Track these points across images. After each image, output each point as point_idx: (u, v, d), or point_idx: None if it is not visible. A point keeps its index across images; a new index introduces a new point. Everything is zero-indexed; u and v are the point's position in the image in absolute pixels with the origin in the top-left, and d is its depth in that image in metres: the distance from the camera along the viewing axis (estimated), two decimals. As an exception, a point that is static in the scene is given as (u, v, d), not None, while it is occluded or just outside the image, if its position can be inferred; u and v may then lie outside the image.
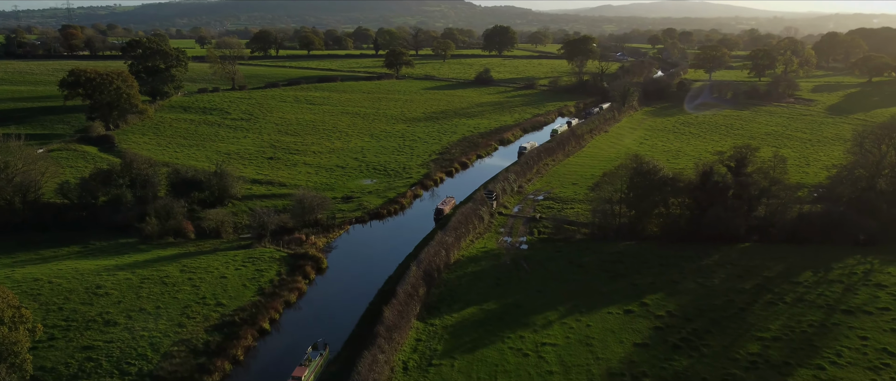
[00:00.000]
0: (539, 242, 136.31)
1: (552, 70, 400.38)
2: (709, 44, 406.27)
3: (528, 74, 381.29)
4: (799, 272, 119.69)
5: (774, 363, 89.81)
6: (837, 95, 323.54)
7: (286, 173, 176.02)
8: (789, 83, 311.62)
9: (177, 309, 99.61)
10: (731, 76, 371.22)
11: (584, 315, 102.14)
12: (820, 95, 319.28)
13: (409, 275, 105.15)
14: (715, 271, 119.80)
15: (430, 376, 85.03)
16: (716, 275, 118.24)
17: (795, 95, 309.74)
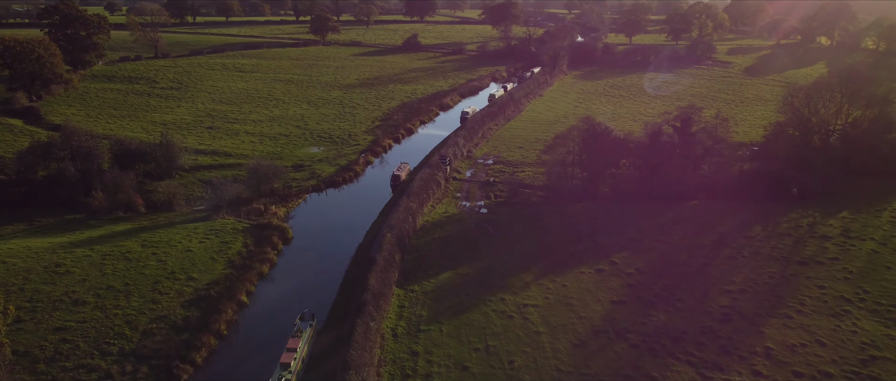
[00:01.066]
0: (497, 205, 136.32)
1: (477, 35, 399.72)
2: (624, 8, 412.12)
3: (454, 39, 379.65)
4: (750, 227, 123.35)
5: (746, 313, 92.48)
6: (751, 57, 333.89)
7: (229, 143, 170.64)
8: (707, 46, 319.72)
9: (147, 285, 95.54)
10: (650, 40, 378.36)
11: (558, 276, 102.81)
12: (735, 58, 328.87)
13: (385, 242, 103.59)
14: (672, 229, 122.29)
15: (420, 341, 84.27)
16: (674, 232, 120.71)
17: (713, 57, 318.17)
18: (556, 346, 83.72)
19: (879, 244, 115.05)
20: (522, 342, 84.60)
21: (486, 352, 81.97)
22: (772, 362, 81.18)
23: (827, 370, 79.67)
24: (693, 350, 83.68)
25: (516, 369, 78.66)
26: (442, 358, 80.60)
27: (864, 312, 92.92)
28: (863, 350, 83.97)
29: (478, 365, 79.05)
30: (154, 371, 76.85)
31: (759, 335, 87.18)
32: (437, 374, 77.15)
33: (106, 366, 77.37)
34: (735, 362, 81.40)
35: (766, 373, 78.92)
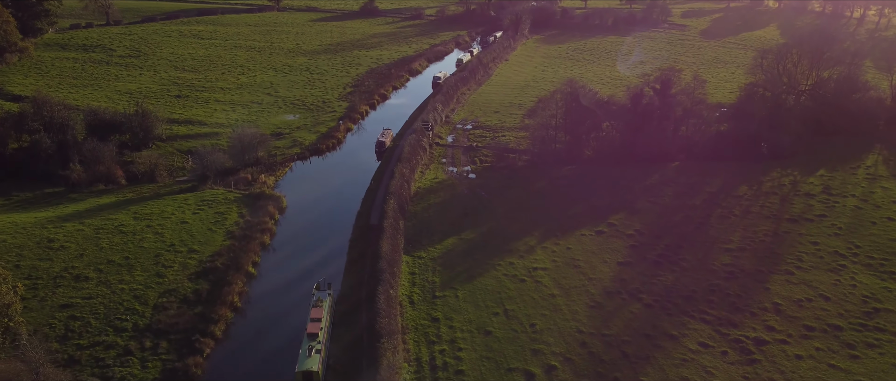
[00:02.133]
0: (484, 170, 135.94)
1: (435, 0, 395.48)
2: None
3: (411, 3, 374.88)
4: (736, 187, 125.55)
5: (748, 271, 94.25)
6: (705, 19, 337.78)
7: (201, 111, 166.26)
8: (663, 9, 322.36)
9: (148, 259, 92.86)
10: (604, 4, 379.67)
11: (560, 239, 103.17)
12: (690, 21, 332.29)
13: (388, 208, 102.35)
14: (662, 190, 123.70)
15: (438, 307, 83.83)
16: (664, 193, 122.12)
17: (669, 20, 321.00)
18: (574, 308, 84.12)
19: (860, 201, 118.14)
20: (539, 305, 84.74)
21: (505, 316, 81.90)
22: (782, 317, 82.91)
23: (835, 322, 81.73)
24: (705, 308, 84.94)
25: (539, 332, 78.81)
26: (463, 323, 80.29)
27: (859, 266, 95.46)
28: (865, 303, 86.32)
29: (500, 329, 78.99)
30: (174, 346, 74.87)
31: (765, 292, 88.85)
32: (462, 339, 76.87)
33: (123, 342, 75.07)
34: (747, 318, 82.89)
35: (779, 328, 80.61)
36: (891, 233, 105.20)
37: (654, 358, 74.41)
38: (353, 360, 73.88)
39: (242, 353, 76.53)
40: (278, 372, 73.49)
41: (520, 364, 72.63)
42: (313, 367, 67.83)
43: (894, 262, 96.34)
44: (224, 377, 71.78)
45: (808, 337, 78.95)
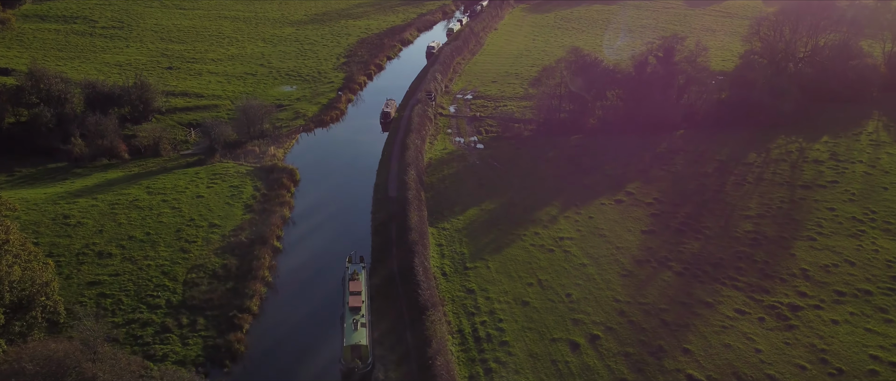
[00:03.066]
0: (491, 140, 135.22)
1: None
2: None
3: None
4: (745, 154, 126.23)
5: (772, 238, 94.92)
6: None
7: (196, 84, 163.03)
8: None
9: (169, 234, 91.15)
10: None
11: (581, 208, 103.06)
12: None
13: (410, 179, 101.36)
14: (672, 158, 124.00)
15: (471, 279, 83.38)
16: (675, 161, 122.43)
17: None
18: (606, 277, 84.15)
19: (869, 167, 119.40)
20: (571, 275, 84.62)
21: (540, 286, 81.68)
22: (812, 282, 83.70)
23: (864, 287, 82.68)
24: (735, 275, 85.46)
25: (575, 301, 78.73)
26: (499, 294, 79.96)
27: (877, 231, 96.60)
28: (890, 267, 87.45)
29: (537, 300, 78.79)
30: (213, 322, 73.66)
31: (791, 258, 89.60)
32: (501, 310, 76.60)
33: (159, 319, 73.68)
34: (777, 284, 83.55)
35: (810, 293, 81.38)
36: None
37: (693, 326, 74.70)
38: (397, 333, 73.17)
39: (281, 328, 75.58)
40: (320, 347, 72.63)
41: (563, 334, 72.53)
42: (361, 341, 67.15)
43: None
44: (267, 353, 70.62)
45: (841, 302, 79.73)
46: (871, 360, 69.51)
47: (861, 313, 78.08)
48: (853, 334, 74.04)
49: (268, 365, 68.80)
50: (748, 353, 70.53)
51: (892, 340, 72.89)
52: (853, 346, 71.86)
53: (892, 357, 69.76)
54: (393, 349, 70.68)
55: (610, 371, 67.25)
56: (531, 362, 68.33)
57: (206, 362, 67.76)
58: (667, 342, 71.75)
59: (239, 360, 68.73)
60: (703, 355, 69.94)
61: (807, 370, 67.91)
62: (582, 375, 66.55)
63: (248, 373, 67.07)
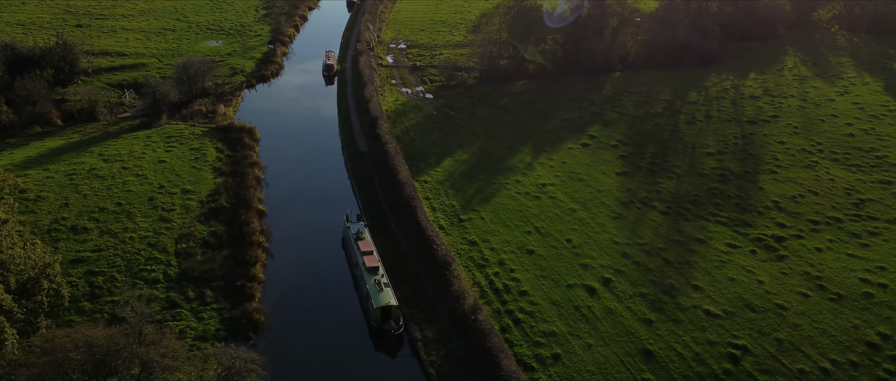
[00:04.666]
0: (438, 90, 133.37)
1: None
2: None
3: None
4: (686, 93, 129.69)
5: (738, 173, 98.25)
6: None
7: (113, 41, 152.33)
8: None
9: (142, 203, 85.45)
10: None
11: (552, 154, 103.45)
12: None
13: (384, 132, 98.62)
14: (621, 100, 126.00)
15: (469, 231, 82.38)
16: (625, 103, 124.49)
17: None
18: (599, 220, 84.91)
19: (801, 101, 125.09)
20: (565, 220, 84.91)
21: (539, 234, 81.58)
22: (786, 214, 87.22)
23: (833, 215, 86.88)
24: (715, 211, 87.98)
25: (577, 246, 79.13)
26: (501, 245, 79.37)
27: (827, 161, 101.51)
28: (849, 195, 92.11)
29: (540, 248, 78.69)
30: (222, 293, 69.72)
31: (760, 192, 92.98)
32: (509, 260, 76.13)
33: (162, 294, 69.12)
34: (756, 217, 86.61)
35: (788, 224, 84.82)
36: (840, 129, 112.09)
37: (694, 263, 76.48)
38: (417, 290, 71.46)
39: (292, 293, 72.48)
40: (340, 309, 70.24)
41: (576, 280, 72.80)
42: (391, 301, 65.20)
43: (855, 155, 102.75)
44: (288, 321, 67.58)
45: (817, 231, 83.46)
46: (862, 283, 73.08)
47: (838, 239, 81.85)
48: (838, 260, 77.60)
49: (292, 334, 65.83)
50: (752, 285, 72.78)
51: (875, 263, 76.82)
52: (843, 271, 75.36)
53: (880, 279, 73.62)
54: (417, 307, 68.92)
55: (632, 313, 68.01)
56: (555, 310, 68.19)
57: (228, 335, 63.97)
58: (676, 281, 73.13)
59: (261, 330, 65.24)
60: (712, 290, 71.72)
61: (809, 297, 70.80)
62: (607, 318, 67.03)
63: (276, 343, 63.81)
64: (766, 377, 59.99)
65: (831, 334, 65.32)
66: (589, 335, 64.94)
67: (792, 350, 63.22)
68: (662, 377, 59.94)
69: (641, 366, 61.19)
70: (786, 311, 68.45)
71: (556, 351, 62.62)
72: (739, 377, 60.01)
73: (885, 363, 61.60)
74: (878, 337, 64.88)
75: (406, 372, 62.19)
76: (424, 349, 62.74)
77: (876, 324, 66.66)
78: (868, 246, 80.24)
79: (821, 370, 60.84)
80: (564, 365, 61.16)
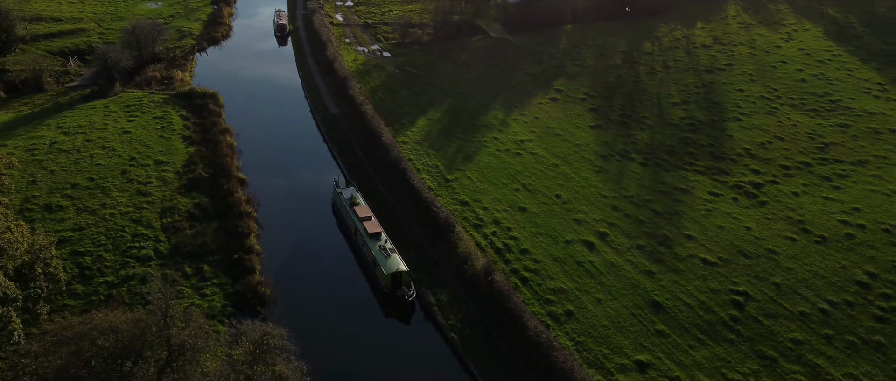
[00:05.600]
0: (394, 48, 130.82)
1: None
2: None
3: None
4: (640, 44, 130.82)
5: (706, 122, 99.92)
6: None
7: (46, 6, 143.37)
8: None
9: (116, 177, 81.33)
10: None
11: (523, 109, 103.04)
12: None
13: (356, 94, 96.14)
14: (579, 53, 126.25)
15: (458, 191, 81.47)
16: (583, 56, 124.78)
17: None
18: (583, 175, 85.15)
19: (750, 48, 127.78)
20: (549, 176, 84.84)
21: (527, 191, 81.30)
22: (758, 160, 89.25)
23: (802, 160, 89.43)
24: (691, 161, 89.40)
25: (568, 201, 79.27)
26: (492, 203, 78.80)
27: (786, 107, 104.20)
28: (813, 139, 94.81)
29: (531, 204, 78.47)
30: (220, 267, 67.08)
31: (730, 139, 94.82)
32: (504, 219, 75.69)
33: (157, 272, 65.99)
34: (730, 165, 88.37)
35: (762, 170, 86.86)
36: (792, 75, 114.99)
37: (682, 213, 77.59)
38: (421, 255, 70.32)
39: (292, 263, 70.38)
40: (344, 277, 68.66)
41: (574, 236, 72.93)
42: (401, 266, 63.94)
43: (811, 100, 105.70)
44: (292, 292, 65.63)
45: (790, 175, 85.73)
46: (842, 225, 75.51)
47: (811, 183, 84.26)
48: (815, 203, 79.93)
49: (299, 305, 63.98)
50: (741, 231, 74.33)
51: (849, 205, 79.43)
52: (822, 214, 77.69)
53: (857, 220, 76.22)
54: (425, 272, 67.84)
55: (633, 266, 68.61)
56: (559, 266, 68.21)
57: (236, 311, 61.71)
58: (669, 231, 74.04)
59: (268, 304, 63.17)
60: (704, 238, 72.94)
61: (796, 241, 72.78)
62: (610, 272, 67.45)
63: (285, 316, 61.90)
64: (771, 322, 61.31)
65: (823, 275, 67.20)
66: (596, 289, 65.14)
67: (790, 294, 64.83)
68: (674, 327, 60.66)
69: (652, 318, 61.77)
70: (777, 256, 70.07)
71: (567, 308, 62.58)
72: (746, 322, 61.19)
73: (878, 301, 63.78)
74: (866, 277, 67.08)
75: (423, 338, 61.28)
76: (441, 313, 61.90)
77: (862, 264, 68.92)
78: (840, 189, 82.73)
79: (820, 312, 62.57)
80: (579, 321, 61.25)
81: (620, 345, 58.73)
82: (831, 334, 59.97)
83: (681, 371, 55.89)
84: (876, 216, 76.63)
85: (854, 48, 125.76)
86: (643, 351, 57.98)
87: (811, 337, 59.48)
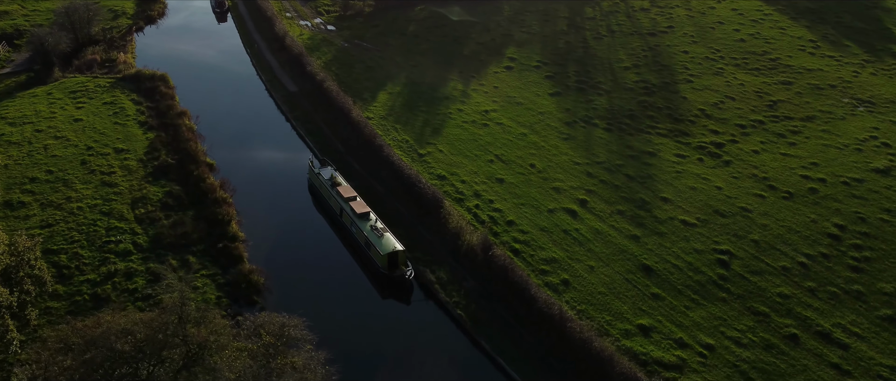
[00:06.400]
0: (339, 21, 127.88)
1: None
2: None
3: None
4: (581, 9, 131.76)
5: (659, 84, 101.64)
6: None
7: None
8: None
9: (76, 169, 77.06)
10: None
11: (481, 79, 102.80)
12: None
13: (314, 67, 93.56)
14: (524, 20, 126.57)
15: (432, 165, 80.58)
16: (529, 23, 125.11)
17: None
18: (551, 143, 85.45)
19: (686, 9, 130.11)
20: (519, 146, 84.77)
21: (502, 162, 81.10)
22: (715, 120, 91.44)
23: (756, 118, 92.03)
24: (652, 124, 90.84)
25: (543, 170, 79.42)
26: (469, 175, 78.30)
27: (731, 67, 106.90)
28: (761, 98, 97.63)
29: (508, 175, 78.30)
30: (207, 258, 64.39)
31: (685, 101, 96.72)
32: (484, 191, 75.34)
33: (140, 267, 63.06)
34: (690, 126, 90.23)
35: (720, 130, 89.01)
36: (731, 35, 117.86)
37: (653, 176, 78.84)
38: (410, 232, 69.25)
39: (279, 249, 68.26)
40: (335, 260, 67.13)
41: (555, 204, 73.20)
42: (397, 246, 62.83)
43: (752, 59, 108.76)
44: (284, 279, 63.71)
45: (748, 134, 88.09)
46: (804, 180, 78.13)
47: (768, 140, 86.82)
48: (775, 160, 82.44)
49: (293, 292, 62.17)
50: (712, 191, 76.08)
51: (807, 160, 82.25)
52: (783, 171, 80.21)
53: (817, 175, 79.03)
54: (418, 249, 66.84)
55: (618, 231, 69.41)
56: (547, 236, 68.38)
57: (232, 302, 59.55)
58: (645, 195, 75.14)
59: (264, 292, 61.19)
60: (680, 200, 74.35)
61: (765, 198, 74.99)
62: (597, 239, 68.06)
63: (282, 303, 59.98)
64: (757, 278, 63.09)
65: (796, 230, 69.45)
66: (587, 257, 65.59)
67: (770, 249, 66.78)
68: (668, 289, 61.73)
69: (645, 281, 62.67)
70: (751, 213, 72.02)
71: (563, 277, 62.84)
72: (734, 280, 62.80)
73: (851, 252, 66.42)
74: (835, 229, 69.68)
75: (427, 317, 60.46)
76: (444, 291, 61.11)
77: (829, 216, 71.55)
78: (795, 145, 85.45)
79: (800, 266, 64.71)
80: (576, 289, 61.60)
81: (621, 311, 59.32)
82: (814, 286, 61.96)
83: (683, 333, 56.86)
84: (833, 170, 79.42)
85: (783, 7, 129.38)
86: (643, 315, 58.70)
87: (796, 291, 61.37)
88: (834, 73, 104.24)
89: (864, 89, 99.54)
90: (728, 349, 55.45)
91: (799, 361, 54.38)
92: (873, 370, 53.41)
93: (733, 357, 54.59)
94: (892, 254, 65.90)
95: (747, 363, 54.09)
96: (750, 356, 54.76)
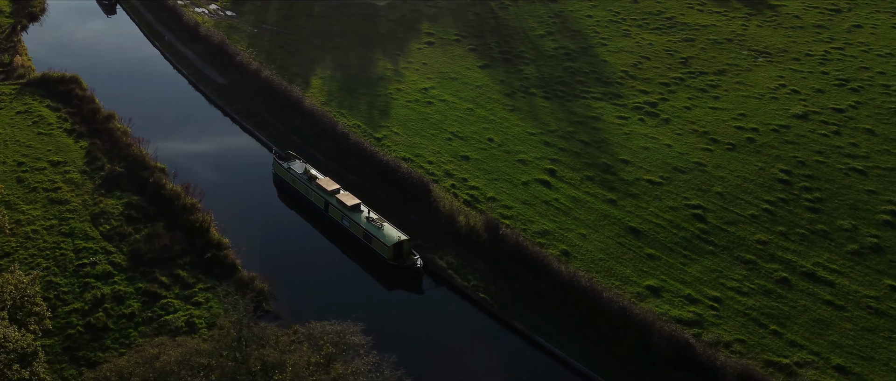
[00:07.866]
0: (236, 6, 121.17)
1: None
2: None
3: None
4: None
5: (577, 49, 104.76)
6: None
7: None
8: None
9: (12, 188, 68.89)
10: None
11: (407, 57, 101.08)
12: None
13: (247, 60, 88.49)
14: None
15: (393, 149, 78.48)
16: None
17: None
18: (501, 115, 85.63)
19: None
20: (469, 121, 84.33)
21: (460, 139, 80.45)
22: (640, 80, 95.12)
23: (675, 76, 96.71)
24: (585, 89, 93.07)
25: (502, 143, 79.44)
26: (433, 156, 77.08)
27: (635, 28, 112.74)
28: (671, 55, 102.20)
29: (473, 152, 77.70)
30: (197, 271, 59.27)
31: (606, 64, 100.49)
32: (455, 170, 74.49)
33: (128, 288, 57.58)
34: (619, 88, 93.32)
35: (648, 90, 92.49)
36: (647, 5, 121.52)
37: (606, 140, 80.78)
38: (401, 219, 67.13)
39: (269, 250, 64.24)
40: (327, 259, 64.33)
41: (526, 176, 73.49)
42: (401, 235, 60.83)
43: (651, 19, 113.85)
44: (285, 281, 60.23)
45: (674, 92, 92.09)
46: (739, 131, 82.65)
47: (694, 96, 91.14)
48: (707, 114, 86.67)
49: (302, 293, 59.00)
50: (664, 150, 78.94)
51: (734, 112, 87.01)
52: (718, 124, 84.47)
53: (749, 124, 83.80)
54: (418, 237, 64.91)
55: (594, 197, 70.68)
56: (530, 209, 68.55)
57: (243, 314, 55.41)
58: (606, 159, 76.84)
59: (272, 298, 57.62)
60: (638, 160, 76.66)
61: (713, 151, 78.77)
62: (578, 206, 69.04)
63: (293, 307, 56.75)
64: (734, 228, 66.33)
65: (751, 178, 73.43)
66: (575, 225, 66.36)
67: (735, 200, 70.30)
68: (660, 248, 63.68)
69: (637, 243, 64.29)
70: (705, 167, 75.37)
71: (562, 248, 63.28)
72: (715, 233, 65.70)
73: (805, 195, 71.09)
74: (783, 174, 74.27)
75: (445, 303, 59.03)
76: (458, 275, 59.78)
77: (773, 163, 76.08)
78: (719, 98, 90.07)
79: (766, 213, 68.55)
80: (578, 259, 62.24)
81: (626, 274, 60.48)
82: (785, 230, 65.78)
83: (689, 289, 58.78)
84: (761, 119, 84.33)
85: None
86: (647, 276, 60.13)
87: (771, 236, 64.93)
88: (726, 27, 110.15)
89: (756, 41, 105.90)
90: (733, 299, 57.77)
91: (797, 302, 57.51)
92: (862, 302, 57.46)
93: (741, 307, 56.95)
94: (838, 193, 70.85)
95: (755, 310, 56.62)
96: (754, 303, 57.31)
